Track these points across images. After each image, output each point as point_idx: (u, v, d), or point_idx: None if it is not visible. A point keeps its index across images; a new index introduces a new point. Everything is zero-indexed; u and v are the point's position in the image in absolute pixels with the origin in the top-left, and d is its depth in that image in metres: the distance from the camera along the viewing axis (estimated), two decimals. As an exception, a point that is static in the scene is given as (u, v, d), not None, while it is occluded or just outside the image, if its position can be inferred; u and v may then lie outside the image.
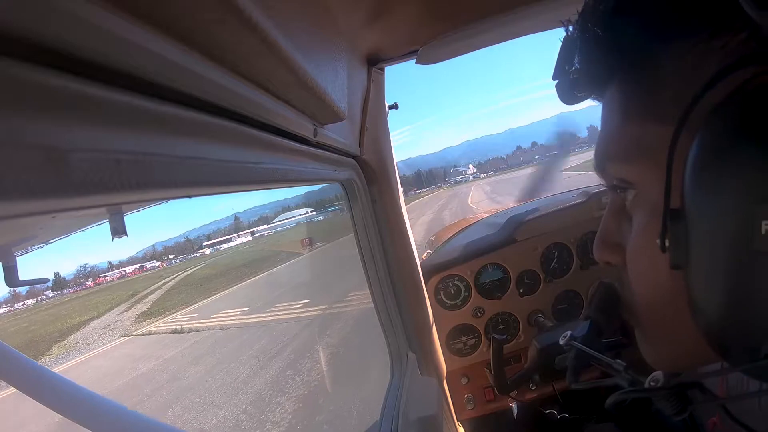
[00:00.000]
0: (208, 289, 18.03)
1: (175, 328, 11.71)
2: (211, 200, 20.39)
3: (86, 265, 49.43)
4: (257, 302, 11.82)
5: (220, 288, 17.47)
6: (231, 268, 23.97)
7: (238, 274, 20.18)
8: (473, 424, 1.50)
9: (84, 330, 16.74)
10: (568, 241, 1.43)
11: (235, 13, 0.24)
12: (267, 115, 0.42)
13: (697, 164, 0.29)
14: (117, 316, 18.21)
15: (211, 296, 16.05)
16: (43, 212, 0.19)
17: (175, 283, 24.59)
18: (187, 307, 15.20)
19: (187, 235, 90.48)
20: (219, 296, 15.64)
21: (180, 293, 19.48)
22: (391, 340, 1.20)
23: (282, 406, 5.07)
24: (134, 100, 0.24)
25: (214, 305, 13.84)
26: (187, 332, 10.81)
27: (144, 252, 59.86)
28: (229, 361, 7.47)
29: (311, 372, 5.80)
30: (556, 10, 0.78)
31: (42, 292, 36.82)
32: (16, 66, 0.17)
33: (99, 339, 13.88)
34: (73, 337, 15.64)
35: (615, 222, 0.43)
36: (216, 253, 45.00)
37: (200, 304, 15.17)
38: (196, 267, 33.64)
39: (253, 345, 7.87)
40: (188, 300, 16.67)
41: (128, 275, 45.15)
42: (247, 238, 52.04)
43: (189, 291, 19.38)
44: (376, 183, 1.10)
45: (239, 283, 17.43)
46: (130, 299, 22.74)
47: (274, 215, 67.36)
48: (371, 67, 0.93)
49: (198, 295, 17.23)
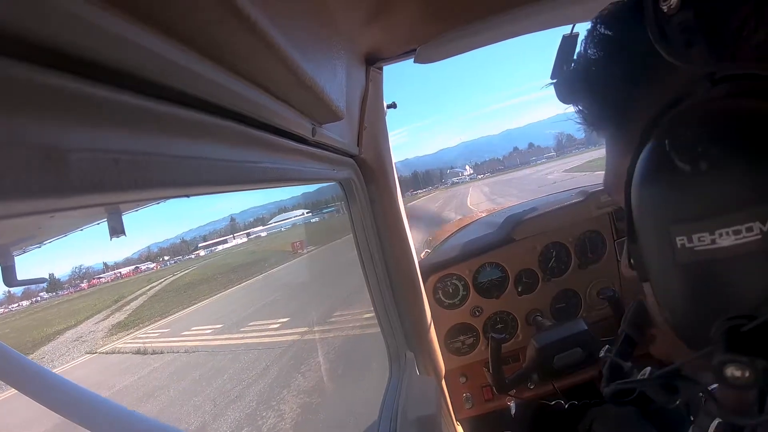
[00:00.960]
0: (190, 296, 17.05)
1: (140, 348, 10.51)
2: (208, 200, 19.76)
3: (81, 266, 48.95)
4: (234, 317, 10.71)
5: (202, 296, 16.50)
6: (218, 273, 22.84)
7: (224, 281, 19.21)
8: (472, 423, 1.50)
9: (56, 341, 15.58)
10: (566, 241, 1.43)
11: (234, 12, 0.24)
12: (265, 114, 0.42)
13: (633, 194, 0.36)
14: (93, 326, 17.00)
15: (190, 306, 15.03)
16: (40, 212, 0.19)
17: (161, 288, 23.26)
18: (162, 320, 14.12)
19: (183, 236, 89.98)
20: (198, 306, 14.61)
21: (161, 301, 18.49)
22: (390, 339, 1.20)
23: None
24: (132, 99, 0.24)
25: (189, 319, 12.84)
26: (151, 354, 9.64)
27: (140, 253, 59.46)
28: (181, 401, 6.17)
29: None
30: (553, 11, 0.78)
31: (37, 293, 36.39)
32: (15, 65, 0.16)
33: (65, 354, 12.78)
34: (42, 351, 14.21)
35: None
36: (209, 255, 44.57)
37: (176, 315, 14.11)
38: (186, 270, 32.39)
39: (214, 380, 6.52)
40: (166, 310, 15.52)
41: (123, 276, 44.75)
42: (242, 240, 51.72)
43: (171, 298, 18.42)
44: (374, 182, 1.10)
45: (223, 291, 16.51)
46: (112, 305, 21.51)
47: (270, 216, 67.06)
48: (370, 67, 0.93)
49: (178, 304, 16.16)
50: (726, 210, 0.30)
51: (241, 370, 6.54)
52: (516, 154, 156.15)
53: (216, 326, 10.31)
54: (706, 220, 0.31)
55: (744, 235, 0.30)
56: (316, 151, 0.68)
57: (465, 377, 1.47)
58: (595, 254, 1.46)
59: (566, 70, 0.47)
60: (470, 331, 1.45)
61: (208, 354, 8.20)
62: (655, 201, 0.34)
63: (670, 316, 0.37)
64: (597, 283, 1.46)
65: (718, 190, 0.31)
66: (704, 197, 0.31)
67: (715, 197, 0.31)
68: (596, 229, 1.45)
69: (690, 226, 0.32)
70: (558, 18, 0.83)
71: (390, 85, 1.03)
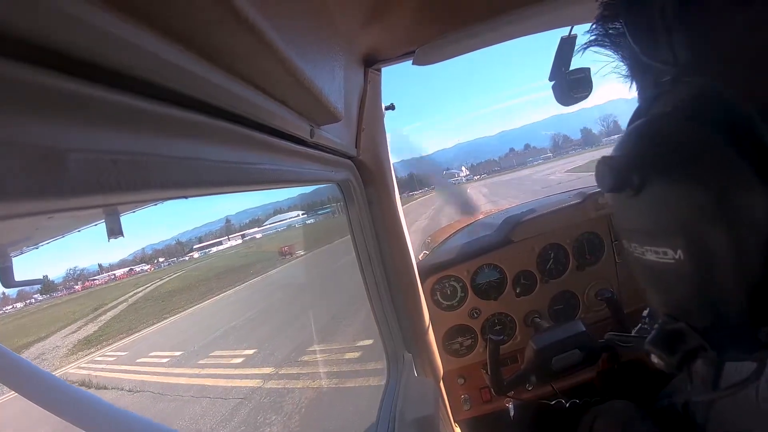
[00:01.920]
0: (165, 309, 15.55)
1: (85, 379, 8.65)
2: (207, 201, 19.24)
3: (76, 268, 48.15)
4: (198, 340, 9.13)
5: (178, 308, 14.93)
6: (202, 280, 21.13)
7: (204, 290, 17.66)
8: (470, 424, 1.50)
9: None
10: (564, 242, 1.44)
11: (232, 13, 0.24)
12: (264, 115, 0.42)
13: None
14: (60, 340, 15.33)
15: (161, 321, 13.53)
16: (38, 213, 0.19)
17: (142, 296, 21.46)
18: (126, 338, 12.52)
19: (178, 238, 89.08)
20: (168, 323, 13.15)
21: (136, 312, 17.15)
22: (388, 341, 1.20)
23: None
24: (131, 100, 0.24)
25: (152, 339, 11.39)
26: (93, 388, 7.66)
27: (134, 255, 58.74)
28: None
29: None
30: (551, 12, 0.79)
31: (31, 295, 35.78)
32: (12, 66, 0.16)
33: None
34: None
35: None
36: (203, 257, 43.83)
37: (142, 333, 12.51)
38: (173, 275, 30.32)
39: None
40: (134, 326, 13.19)
41: (117, 279, 44.07)
42: (236, 242, 51.23)
43: (146, 309, 17.15)
44: (372, 184, 1.10)
45: (200, 303, 14.99)
46: (90, 314, 19.33)
47: (266, 217, 66.69)
48: (368, 68, 0.94)
49: (150, 317, 14.67)
50: (649, 232, 0.34)
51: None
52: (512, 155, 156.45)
53: (175, 353, 8.57)
54: (637, 235, 0.36)
55: (661, 256, 0.33)
56: (315, 152, 0.68)
57: (463, 378, 1.47)
58: (593, 256, 1.46)
59: (564, 72, 0.47)
60: (468, 333, 1.45)
61: (152, 398, 6.43)
62: (614, 205, 0.39)
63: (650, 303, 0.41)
64: (595, 284, 1.46)
65: (647, 210, 0.34)
66: (638, 213, 0.35)
67: (644, 216, 0.35)
68: (594, 230, 1.45)
69: (629, 236, 0.37)
70: (556, 20, 0.83)
71: (384, 87, 1.03)
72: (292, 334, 7.03)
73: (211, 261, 34.91)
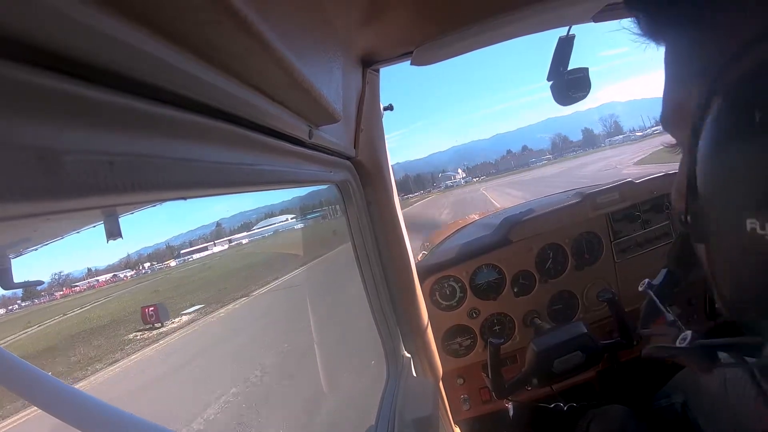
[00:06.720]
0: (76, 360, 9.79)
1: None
2: (207, 202, 18.70)
3: (61, 273, 47.19)
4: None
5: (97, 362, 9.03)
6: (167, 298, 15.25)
7: (115, 345, 10.37)
8: (469, 424, 1.50)
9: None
10: (563, 242, 1.44)
11: (230, 14, 0.24)
12: (262, 116, 0.42)
13: (702, 151, 0.29)
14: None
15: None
16: (37, 214, 0.19)
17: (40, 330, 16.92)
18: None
19: (169, 242, 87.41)
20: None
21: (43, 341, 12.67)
22: (387, 341, 1.20)
23: None
24: (129, 101, 0.24)
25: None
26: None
27: (120, 260, 57.56)
28: None
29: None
30: (547, 14, 0.79)
31: (15, 301, 35.10)
32: (9, 67, 0.16)
33: None
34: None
35: None
36: (180, 264, 42.80)
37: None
38: (129, 287, 26.43)
39: None
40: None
41: (96, 286, 43.25)
42: (223, 247, 50.57)
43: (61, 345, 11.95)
44: (371, 184, 1.10)
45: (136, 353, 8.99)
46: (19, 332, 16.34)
47: (256, 221, 66.12)
48: (366, 69, 0.94)
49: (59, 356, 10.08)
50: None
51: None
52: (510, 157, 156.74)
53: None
54: (759, 205, 0.25)
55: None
56: (313, 153, 0.68)
57: (462, 379, 1.47)
58: (592, 255, 1.47)
59: (563, 71, 0.46)
60: (467, 333, 1.45)
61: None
62: (725, 171, 0.28)
63: (726, 290, 0.32)
64: (594, 284, 1.46)
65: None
66: (763, 171, 0.25)
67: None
68: (593, 230, 1.46)
69: (763, 212, 0.25)
70: (554, 20, 0.83)
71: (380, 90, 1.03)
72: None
73: (184, 274, 28.33)
